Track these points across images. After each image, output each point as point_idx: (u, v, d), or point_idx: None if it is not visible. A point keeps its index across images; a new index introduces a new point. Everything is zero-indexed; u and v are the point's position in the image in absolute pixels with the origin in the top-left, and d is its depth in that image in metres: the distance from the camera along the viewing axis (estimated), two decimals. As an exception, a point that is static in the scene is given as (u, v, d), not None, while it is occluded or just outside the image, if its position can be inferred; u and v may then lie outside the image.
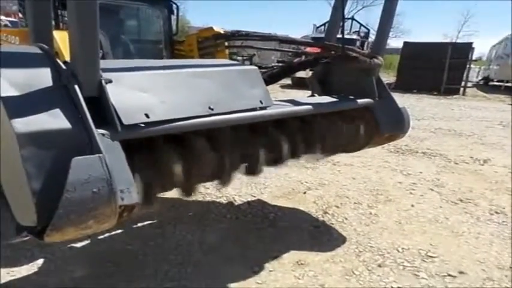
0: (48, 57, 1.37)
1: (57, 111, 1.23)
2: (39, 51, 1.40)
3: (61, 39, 2.75)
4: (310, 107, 2.15)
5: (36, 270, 2.04)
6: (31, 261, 2.09)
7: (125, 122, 1.37)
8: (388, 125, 2.54)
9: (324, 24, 20.90)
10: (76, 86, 1.28)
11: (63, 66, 1.33)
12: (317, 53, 3.03)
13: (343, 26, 2.37)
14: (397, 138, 2.70)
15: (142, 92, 1.51)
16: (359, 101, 2.45)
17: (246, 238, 2.53)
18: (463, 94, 13.21)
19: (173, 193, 1.93)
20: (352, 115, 2.54)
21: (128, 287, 1.97)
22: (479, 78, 19.79)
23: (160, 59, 3.89)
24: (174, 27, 3.93)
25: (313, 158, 2.66)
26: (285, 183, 3.61)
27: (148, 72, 1.60)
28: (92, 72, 1.33)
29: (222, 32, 3.44)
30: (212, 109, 1.66)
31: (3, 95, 1.17)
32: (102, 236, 2.40)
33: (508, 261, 2.30)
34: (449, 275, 2.16)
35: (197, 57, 3.69)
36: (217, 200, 3.16)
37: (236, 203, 3.13)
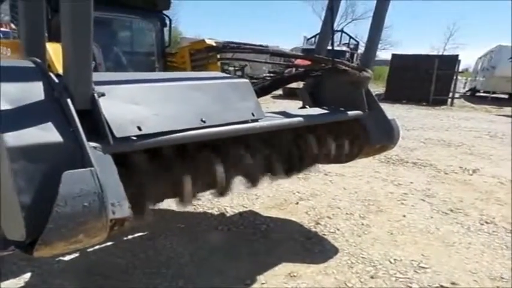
0: (41, 71, 1.36)
1: (49, 125, 1.22)
2: (31, 65, 1.40)
3: (54, 51, 2.74)
4: (301, 119, 2.16)
5: (23, 285, 1.99)
6: (17, 276, 2.04)
7: (117, 134, 1.36)
8: (378, 136, 2.57)
9: (314, 36, 21.26)
10: (68, 100, 1.27)
11: (56, 80, 1.33)
12: (307, 66, 3.08)
13: (332, 39, 2.42)
14: (387, 149, 2.73)
15: (135, 105, 1.51)
16: (349, 113, 2.48)
17: (238, 250, 2.51)
18: (451, 105, 13.48)
19: (164, 204, 1.91)
20: (343, 127, 2.57)
21: (118, 302, 1.93)
22: (466, 89, 20.24)
23: (153, 71, 3.89)
24: (166, 39, 3.94)
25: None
26: (277, 194, 3.61)
27: (141, 85, 1.60)
28: (85, 85, 1.33)
29: (214, 44, 3.46)
30: (204, 121, 1.67)
31: (-5, 108, 1.17)
32: (91, 249, 2.36)
33: (499, 271, 2.32)
34: (441, 286, 2.16)
35: (189, 69, 3.70)
36: (209, 211, 3.14)
37: (228, 214, 3.11)
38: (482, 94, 17.46)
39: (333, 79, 2.66)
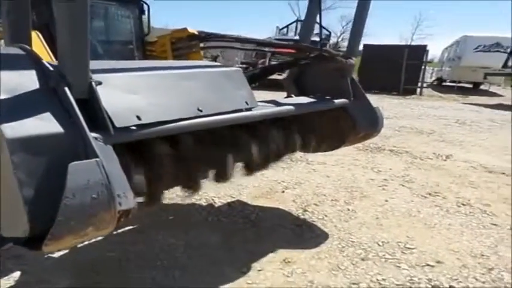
0: (32, 59, 1.29)
1: (48, 115, 1.17)
2: (21, 52, 1.32)
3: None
4: (292, 107, 2.18)
5: (13, 284, 1.91)
6: (6, 275, 1.95)
7: (117, 124, 1.32)
8: (363, 124, 2.64)
9: (286, 26, 21.29)
10: (66, 88, 1.22)
11: (50, 68, 1.27)
12: (292, 54, 3.09)
13: (320, 28, 2.44)
14: (371, 136, 2.82)
15: (132, 94, 1.47)
16: (336, 101, 2.53)
17: (230, 240, 2.52)
18: (420, 94, 14.01)
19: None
20: (328, 115, 2.61)
21: (115, 296, 1.90)
22: (433, 79, 21.08)
23: (132, 59, 3.77)
24: (145, 28, 3.83)
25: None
26: (262, 183, 3.64)
27: (137, 73, 1.56)
28: (82, 73, 1.28)
29: (196, 32, 3.40)
30: (201, 110, 1.65)
31: (-13, 99, 1.10)
32: (80, 244, 2.29)
33: (479, 249, 2.47)
34: (428, 265, 2.28)
35: (171, 58, 3.62)
36: (197, 203, 3.12)
37: (216, 205, 3.11)
38: (448, 84, 18.25)
39: (317, 68, 2.70)
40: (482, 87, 17.24)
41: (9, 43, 1.53)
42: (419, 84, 14.35)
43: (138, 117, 1.40)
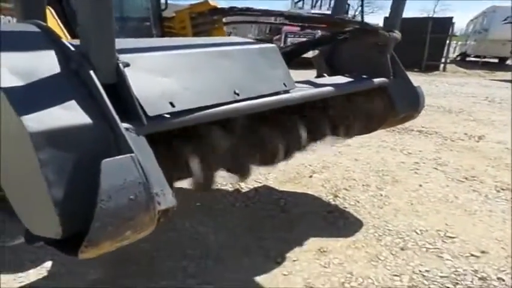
0: (50, 37, 1.15)
1: (72, 104, 1.03)
2: (36, 29, 1.17)
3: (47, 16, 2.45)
4: (331, 88, 2.00)
5: (45, 274, 1.86)
6: (38, 265, 1.90)
7: (150, 113, 1.18)
8: (404, 105, 2.44)
9: (301, 0, 20.47)
10: (91, 72, 1.08)
11: (71, 48, 1.12)
12: (324, 29, 2.86)
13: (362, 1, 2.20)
14: (411, 118, 2.61)
15: (164, 77, 1.32)
16: (375, 80, 2.33)
17: (260, 227, 2.42)
18: (444, 70, 13.41)
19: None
20: (367, 95, 2.42)
21: (148, 286, 1.83)
22: (456, 54, 20.14)
23: (150, 37, 3.60)
24: (162, 2, 3.61)
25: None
26: (288, 168, 3.50)
27: (167, 52, 1.40)
28: (108, 54, 1.12)
29: (218, 6, 3.18)
30: (238, 94, 1.49)
31: (4, 85, 0.97)
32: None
33: (525, 239, 2.31)
34: (472, 255, 2.13)
35: (191, 35, 3.43)
36: (223, 188, 3.02)
37: (243, 191, 3.00)
38: (472, 59, 17.41)
39: (352, 44, 2.48)
40: (508, 62, 16.40)
41: (21, 19, 1.39)
42: (443, 59, 13.68)
43: (172, 104, 1.26)
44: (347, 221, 2.53)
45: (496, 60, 16.42)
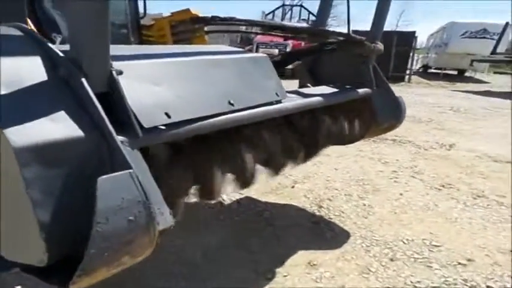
0: (35, 41, 1.04)
1: (62, 115, 0.92)
2: (19, 32, 1.06)
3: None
4: (321, 98, 1.99)
5: None
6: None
7: (145, 124, 1.09)
8: (386, 115, 2.47)
9: (273, 12, 20.81)
10: (83, 79, 0.98)
11: (60, 53, 1.02)
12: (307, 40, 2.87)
13: (348, 8, 2.21)
14: (393, 128, 2.65)
15: (157, 86, 1.23)
16: (359, 90, 2.34)
17: (247, 241, 2.34)
18: (409, 81, 14.02)
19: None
20: (350, 106, 2.43)
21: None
22: (419, 66, 21.19)
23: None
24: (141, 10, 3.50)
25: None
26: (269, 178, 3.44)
27: (161, 60, 1.32)
28: (101, 61, 1.03)
29: (200, 15, 3.11)
30: (232, 104, 1.43)
31: (-15, 95, 0.85)
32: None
33: (506, 245, 2.37)
34: (459, 264, 2.16)
35: (170, 43, 3.34)
36: (204, 201, 2.91)
37: (225, 203, 2.91)
38: (433, 71, 18.37)
39: (335, 54, 2.49)
40: (467, 74, 17.45)
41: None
42: (408, 71, 14.33)
43: (167, 115, 1.17)
44: (334, 233, 2.50)
45: (455, 72, 17.44)
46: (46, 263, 0.86)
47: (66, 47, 1.03)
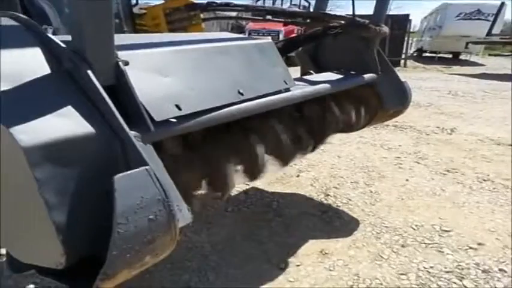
0: (34, 32, 0.97)
1: (70, 110, 0.87)
2: (13, 22, 0.99)
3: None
4: (328, 85, 1.93)
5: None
6: None
7: (156, 118, 1.04)
8: (392, 101, 2.43)
9: (263, -2, 20.46)
10: (89, 72, 0.92)
11: (62, 44, 0.95)
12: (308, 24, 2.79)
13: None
14: (400, 114, 2.60)
15: (167, 76, 1.17)
16: (365, 76, 2.29)
17: (257, 232, 2.31)
18: (405, 66, 13.93)
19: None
20: (355, 92, 2.38)
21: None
22: (413, 50, 21.04)
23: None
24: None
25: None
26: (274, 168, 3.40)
27: (167, 49, 1.25)
28: (106, 51, 0.97)
29: (195, 1, 3.01)
30: (242, 94, 1.38)
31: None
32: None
33: (516, 228, 2.37)
34: (470, 248, 2.15)
35: (166, 32, 3.24)
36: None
37: (232, 194, 2.87)
38: (428, 54, 18.25)
39: (338, 40, 2.43)
40: (461, 57, 17.38)
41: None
42: (403, 56, 14.23)
43: (178, 107, 1.12)
44: (343, 220, 2.48)
45: (450, 56, 17.34)
46: (64, 266, 0.81)
47: (67, 37, 0.97)
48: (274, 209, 2.61)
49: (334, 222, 2.46)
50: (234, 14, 3.00)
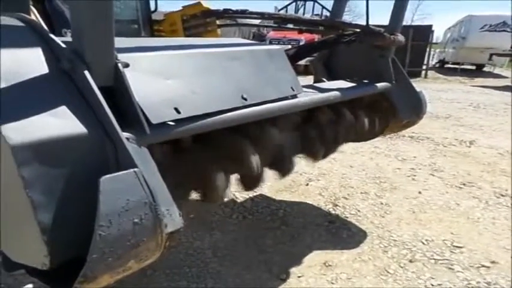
0: (37, 32, 0.99)
1: (63, 110, 0.88)
2: (20, 23, 1.02)
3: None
4: (338, 93, 1.89)
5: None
6: None
7: (153, 120, 1.04)
8: (406, 111, 2.36)
9: (286, 7, 20.57)
10: (86, 72, 0.92)
11: (62, 44, 0.97)
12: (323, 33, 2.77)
13: (367, 4, 2.10)
14: (413, 124, 2.53)
15: (167, 79, 1.17)
16: (378, 85, 2.24)
17: (261, 240, 2.28)
18: (425, 77, 13.64)
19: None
20: (369, 101, 2.33)
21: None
22: (435, 61, 20.61)
23: (139, 41, 3.42)
24: (152, 4, 3.45)
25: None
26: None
27: (169, 52, 1.26)
28: (106, 52, 0.98)
29: (212, 8, 3.04)
30: (246, 99, 1.36)
31: (-19, 88, 0.81)
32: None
33: (534, 247, 2.25)
34: (483, 266, 2.05)
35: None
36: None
37: (239, 200, 2.85)
38: (450, 66, 17.83)
39: (352, 48, 2.39)
40: (485, 69, 16.90)
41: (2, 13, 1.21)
42: (424, 66, 13.95)
43: (177, 110, 1.11)
44: (350, 232, 2.41)
45: (473, 67, 16.89)
46: (49, 267, 0.81)
47: (70, 38, 0.98)
48: (280, 218, 2.58)
49: (341, 233, 2.40)
50: (248, 21, 3.02)
